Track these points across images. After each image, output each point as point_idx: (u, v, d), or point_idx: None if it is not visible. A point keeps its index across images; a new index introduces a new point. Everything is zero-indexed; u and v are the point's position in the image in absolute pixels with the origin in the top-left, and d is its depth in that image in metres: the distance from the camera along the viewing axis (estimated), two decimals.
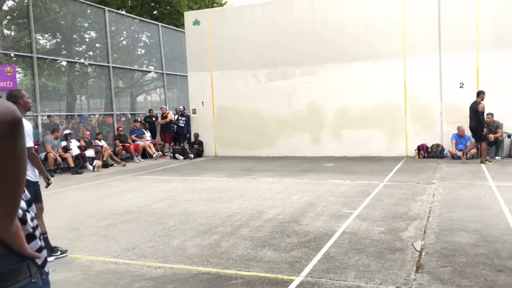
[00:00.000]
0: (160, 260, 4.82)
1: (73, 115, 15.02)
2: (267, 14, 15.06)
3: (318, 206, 7.05)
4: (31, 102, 5.06)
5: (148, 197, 8.44)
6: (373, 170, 10.81)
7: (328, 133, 14.47)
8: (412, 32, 13.28)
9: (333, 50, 14.22)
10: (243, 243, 5.26)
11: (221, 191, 8.81)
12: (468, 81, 12.84)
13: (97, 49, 16.95)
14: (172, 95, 21.42)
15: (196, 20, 16.13)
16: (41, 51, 14.53)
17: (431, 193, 7.78)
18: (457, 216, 6.11)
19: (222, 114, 15.95)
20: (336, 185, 8.98)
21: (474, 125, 11.40)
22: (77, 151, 13.06)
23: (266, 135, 15.26)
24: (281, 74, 14.98)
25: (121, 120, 16.79)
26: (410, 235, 5.32)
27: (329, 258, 4.62)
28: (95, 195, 8.93)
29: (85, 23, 16.55)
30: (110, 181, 10.87)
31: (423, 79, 13.27)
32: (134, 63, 19.16)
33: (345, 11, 14.03)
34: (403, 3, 13.31)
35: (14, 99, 4.79)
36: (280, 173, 10.91)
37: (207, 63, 16.02)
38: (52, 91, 15.40)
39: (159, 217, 6.75)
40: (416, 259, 4.50)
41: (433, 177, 9.52)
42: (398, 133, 13.61)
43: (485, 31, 12.56)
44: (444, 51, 13.01)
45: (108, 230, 6.16)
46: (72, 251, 5.25)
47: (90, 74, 17.50)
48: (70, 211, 7.51)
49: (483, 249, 4.70)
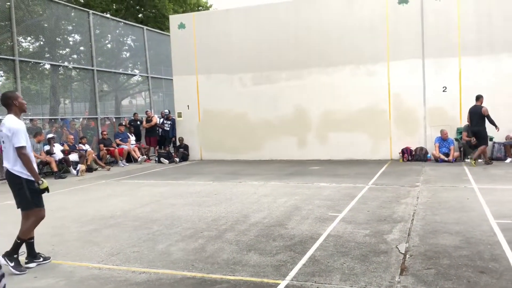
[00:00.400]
0: (145, 265, 4.77)
1: (56, 119, 14.83)
2: (252, 18, 15.10)
3: (304, 210, 7.06)
4: (25, 103, 5.04)
5: (133, 202, 8.36)
6: (358, 173, 10.88)
7: (314, 137, 14.53)
8: (395, 37, 13.44)
9: (317, 55, 14.31)
10: (228, 247, 5.24)
11: (206, 195, 8.78)
12: (451, 85, 13.03)
13: (81, 52, 16.79)
14: (158, 98, 21.31)
15: (181, 24, 16.09)
16: (24, 54, 14.33)
17: (415, 195, 7.86)
18: (440, 218, 6.18)
19: (208, 118, 15.91)
20: (322, 188, 9.01)
21: (478, 129, 11.48)
22: (60, 155, 12.89)
23: (252, 138, 15.26)
24: (266, 78, 15.01)
25: (106, 124, 16.63)
26: (394, 237, 5.36)
27: (314, 262, 4.63)
28: (79, 200, 8.82)
29: (69, 26, 16.38)
30: (94, 186, 10.75)
31: (406, 83, 13.43)
32: (119, 66, 19.02)
33: (329, 16, 14.14)
34: (387, 8, 13.47)
35: (9, 100, 4.82)
36: (266, 177, 10.92)
37: (192, 66, 15.98)
38: (35, 94, 15.19)
39: (144, 222, 6.69)
40: (401, 261, 4.54)
41: (417, 180, 9.62)
42: (383, 136, 13.73)
43: (467, 36, 12.78)
44: (428, 55, 13.20)
45: (92, 235, 6.09)
46: (55, 257, 5.17)
47: (74, 77, 17.31)
48: (53, 216, 7.39)
49: (466, 251, 4.76)
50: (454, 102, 13.04)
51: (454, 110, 13.06)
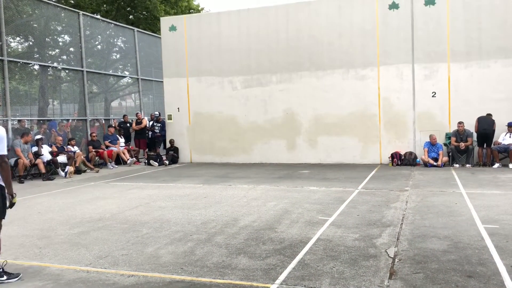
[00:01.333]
0: (133, 268, 4.74)
1: (45, 120, 14.68)
2: (243, 21, 15.12)
3: (294, 213, 7.07)
4: None
5: (122, 204, 8.30)
6: (348, 177, 10.92)
7: (303, 140, 14.57)
8: (385, 41, 13.55)
9: (308, 58, 14.38)
10: (218, 251, 5.23)
11: (196, 198, 8.75)
12: (440, 91, 13.16)
13: (71, 53, 16.65)
14: (148, 100, 21.21)
15: (172, 26, 16.06)
16: (13, 54, 14.18)
17: (404, 200, 7.91)
18: (429, 223, 6.22)
19: (198, 121, 15.88)
20: (312, 192, 9.03)
21: (490, 132, 12.07)
22: (48, 156, 12.76)
23: (242, 141, 15.26)
24: (257, 81, 15.03)
25: (95, 126, 16.51)
26: (383, 242, 5.39)
27: (304, 265, 4.63)
28: (67, 202, 8.73)
29: (58, 26, 16.24)
30: (83, 188, 10.66)
31: (396, 87, 13.54)
32: (109, 68, 18.89)
33: (319, 20, 14.22)
34: (377, 13, 13.58)
35: None
36: (256, 180, 10.91)
37: (183, 69, 15.95)
38: (23, 95, 15.03)
39: (133, 225, 6.65)
40: (390, 265, 4.55)
41: (406, 184, 9.68)
42: (372, 140, 13.81)
43: (456, 42, 12.93)
44: (417, 61, 13.32)
45: (80, 237, 6.03)
46: (42, 259, 5.11)
47: (64, 78, 17.16)
48: (41, 218, 7.32)
49: (454, 255, 4.80)
50: (443, 107, 13.17)
51: (443, 115, 13.19)
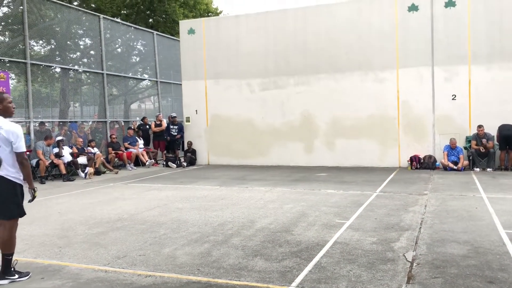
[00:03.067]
0: (151, 268, 4.78)
1: (66, 122, 14.94)
2: (261, 24, 15.15)
3: (311, 216, 7.04)
4: (13, 107, 4.66)
5: (140, 205, 8.39)
6: (366, 180, 10.83)
7: (321, 143, 14.50)
8: (405, 44, 13.42)
9: (326, 61, 14.32)
10: (234, 252, 5.24)
11: (213, 199, 8.78)
12: (460, 94, 12.96)
13: (91, 56, 16.92)
14: (166, 103, 21.40)
15: (191, 29, 16.19)
16: (35, 57, 14.48)
17: (423, 204, 7.81)
18: (448, 227, 6.13)
19: (216, 123, 15.96)
20: (329, 195, 8.98)
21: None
22: (69, 158, 12.97)
23: (259, 144, 15.27)
24: (274, 84, 15.04)
25: (114, 128, 16.73)
26: (401, 245, 5.32)
27: (320, 268, 4.61)
28: (87, 203, 8.86)
29: (79, 30, 16.53)
30: (102, 189, 10.80)
31: (415, 90, 13.38)
32: (129, 70, 19.13)
33: (337, 22, 14.15)
34: (397, 15, 13.46)
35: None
36: (272, 182, 10.90)
37: (201, 71, 16.05)
38: (45, 97, 15.33)
39: (151, 225, 6.71)
40: (408, 270, 4.50)
41: (425, 188, 9.55)
42: (391, 143, 13.67)
43: (477, 44, 12.72)
44: (437, 63, 13.14)
45: (99, 237, 6.11)
46: (62, 259, 5.19)
47: (84, 81, 17.45)
48: (61, 218, 7.44)
49: (474, 260, 4.71)
50: (463, 111, 12.96)
51: (463, 119, 12.98)
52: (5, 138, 4.43)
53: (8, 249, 4.54)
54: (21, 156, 4.50)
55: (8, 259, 4.52)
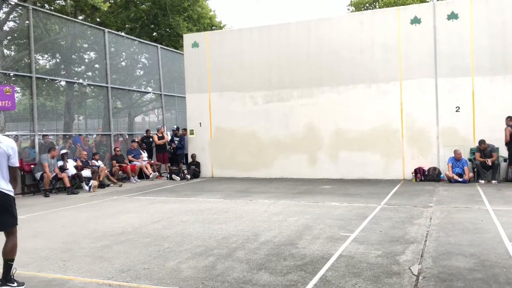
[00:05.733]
0: (155, 282, 4.76)
1: (70, 135, 15.01)
2: (264, 37, 15.25)
3: (315, 229, 7.01)
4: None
5: (144, 218, 8.37)
6: (370, 193, 10.79)
7: (325, 155, 14.49)
8: (408, 56, 13.46)
9: (329, 73, 14.37)
10: (239, 266, 5.21)
11: (217, 212, 8.76)
12: (464, 105, 12.95)
13: (96, 70, 17.07)
14: (170, 116, 21.49)
15: (195, 42, 16.31)
16: (41, 71, 14.62)
17: (428, 216, 7.76)
18: (454, 240, 6.08)
19: (220, 135, 15.99)
20: (333, 207, 8.95)
21: None
22: (73, 171, 13.00)
23: (263, 156, 15.27)
24: (278, 96, 15.09)
25: (119, 140, 16.79)
26: (407, 258, 5.29)
27: (325, 282, 4.58)
28: (91, 216, 8.86)
29: (84, 44, 16.70)
30: (106, 202, 10.80)
31: (419, 102, 13.39)
32: (133, 84, 19.27)
33: (340, 35, 14.23)
34: (399, 27, 13.52)
35: None
36: (276, 195, 10.88)
37: (205, 84, 16.13)
38: (50, 110, 15.44)
39: (155, 239, 6.69)
40: (413, 283, 4.46)
41: (430, 200, 9.51)
42: (395, 156, 13.64)
43: (480, 56, 12.74)
44: (440, 75, 13.17)
45: (103, 251, 6.10)
46: (65, 272, 5.18)
47: (89, 94, 17.57)
48: (65, 231, 7.44)
49: (480, 273, 4.67)
50: (468, 122, 12.95)
51: (467, 130, 12.95)
52: (5, 152, 4.59)
53: (14, 254, 4.69)
54: (15, 170, 4.72)
55: (10, 265, 4.65)
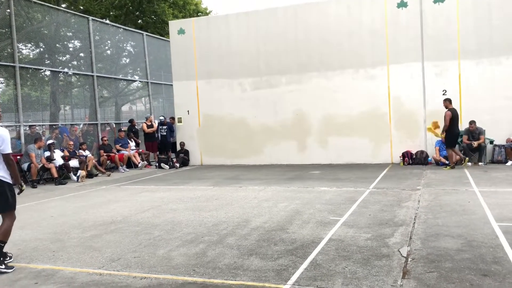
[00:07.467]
0: (146, 270, 4.75)
1: (57, 125, 14.82)
2: (251, 23, 15.13)
3: (305, 214, 7.04)
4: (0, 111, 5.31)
5: (133, 207, 8.35)
6: (359, 177, 10.87)
7: (314, 141, 14.52)
8: (395, 40, 13.47)
9: (317, 59, 14.34)
10: (229, 252, 5.23)
11: (207, 200, 8.76)
12: (450, 89, 13.03)
13: (81, 59, 16.81)
14: (158, 104, 21.32)
15: (181, 29, 16.13)
16: (24, 60, 14.35)
17: (417, 199, 7.84)
18: (442, 221, 6.16)
19: (208, 123, 15.92)
20: (323, 192, 9.00)
21: None
22: (60, 161, 12.88)
23: (253, 143, 15.26)
24: (266, 83, 15.03)
25: (106, 130, 16.63)
26: (396, 241, 5.34)
27: (316, 266, 4.61)
28: (79, 206, 8.80)
29: (68, 32, 16.41)
30: (95, 192, 10.74)
31: (406, 86, 13.44)
32: (119, 72, 19.03)
33: (328, 20, 14.17)
34: (386, 12, 13.50)
35: None
36: (266, 181, 10.90)
37: (192, 71, 16.00)
38: (35, 101, 15.19)
39: (145, 227, 6.68)
40: (403, 265, 4.52)
41: (418, 183, 9.60)
42: (383, 140, 13.72)
43: (466, 39, 12.80)
44: (427, 59, 13.21)
45: (93, 241, 6.07)
46: (55, 263, 5.15)
47: (74, 83, 17.32)
48: (54, 222, 7.39)
49: (468, 254, 4.74)
50: (455, 105, 12.99)
51: None
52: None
53: (5, 237, 5.02)
54: (7, 157, 4.94)
55: (2, 246, 4.97)
